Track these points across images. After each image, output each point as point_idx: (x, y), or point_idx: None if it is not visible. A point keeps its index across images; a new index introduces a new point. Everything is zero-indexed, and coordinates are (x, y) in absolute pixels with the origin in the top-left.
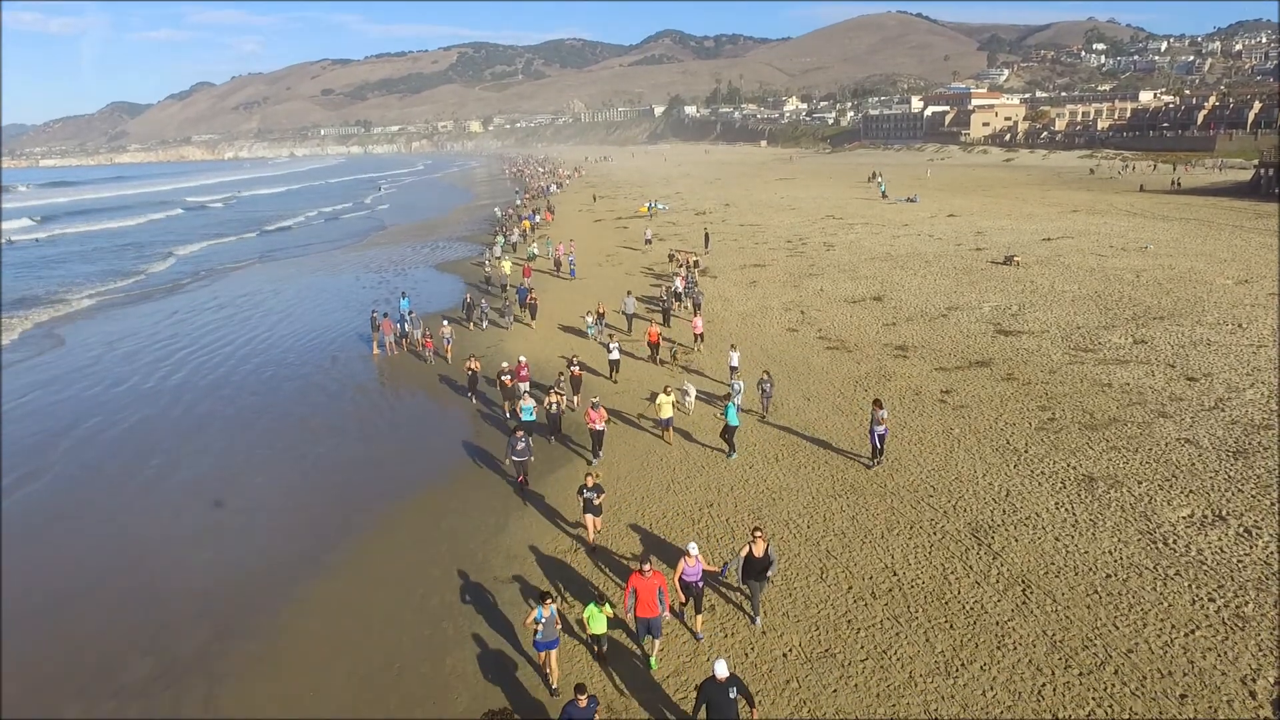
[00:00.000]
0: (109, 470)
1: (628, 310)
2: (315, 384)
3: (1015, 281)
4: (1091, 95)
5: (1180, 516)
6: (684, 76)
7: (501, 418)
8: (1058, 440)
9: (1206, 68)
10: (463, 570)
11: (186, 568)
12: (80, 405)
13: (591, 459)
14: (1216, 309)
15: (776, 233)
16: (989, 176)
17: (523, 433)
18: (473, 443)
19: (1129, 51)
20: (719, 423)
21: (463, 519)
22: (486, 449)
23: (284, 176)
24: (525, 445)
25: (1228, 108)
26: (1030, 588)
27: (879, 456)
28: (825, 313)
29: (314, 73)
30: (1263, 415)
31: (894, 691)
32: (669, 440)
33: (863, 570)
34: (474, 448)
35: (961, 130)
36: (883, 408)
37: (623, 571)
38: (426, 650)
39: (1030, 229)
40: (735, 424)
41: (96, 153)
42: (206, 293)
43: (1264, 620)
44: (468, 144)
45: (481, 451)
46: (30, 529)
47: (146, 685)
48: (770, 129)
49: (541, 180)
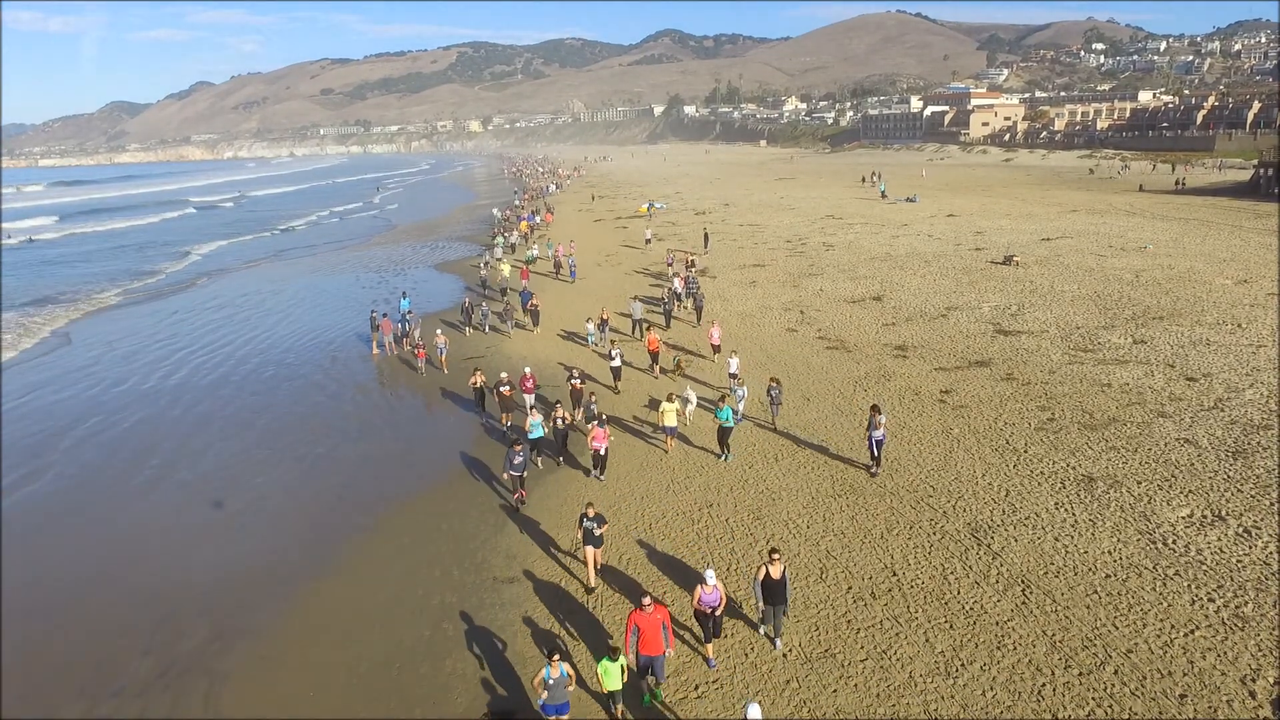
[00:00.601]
0: (109, 470)
1: (635, 315)
2: (315, 384)
3: (1015, 281)
4: (1091, 95)
5: (1180, 517)
6: (683, 76)
7: (501, 427)
8: (1057, 440)
9: (1206, 68)
10: (463, 570)
11: (186, 567)
12: (80, 405)
13: (597, 476)
14: (1216, 309)
15: (776, 233)
16: (988, 176)
17: (521, 446)
18: (473, 442)
19: (1128, 51)
20: (716, 425)
21: (463, 519)
22: (487, 449)
23: (289, 176)
24: (524, 459)
25: (1227, 108)
26: (1030, 588)
27: (877, 464)
28: (825, 313)
29: (313, 72)
30: (1262, 415)
31: (894, 692)
32: (669, 448)
33: (862, 570)
34: (475, 447)
35: (961, 130)
36: (881, 413)
37: (622, 577)
38: (426, 650)
39: (1029, 229)
40: (730, 425)
41: (96, 152)
42: (208, 292)
43: (1263, 620)
44: (467, 144)
45: (482, 451)
46: (30, 529)
47: (146, 684)
48: (770, 129)
49: (541, 180)
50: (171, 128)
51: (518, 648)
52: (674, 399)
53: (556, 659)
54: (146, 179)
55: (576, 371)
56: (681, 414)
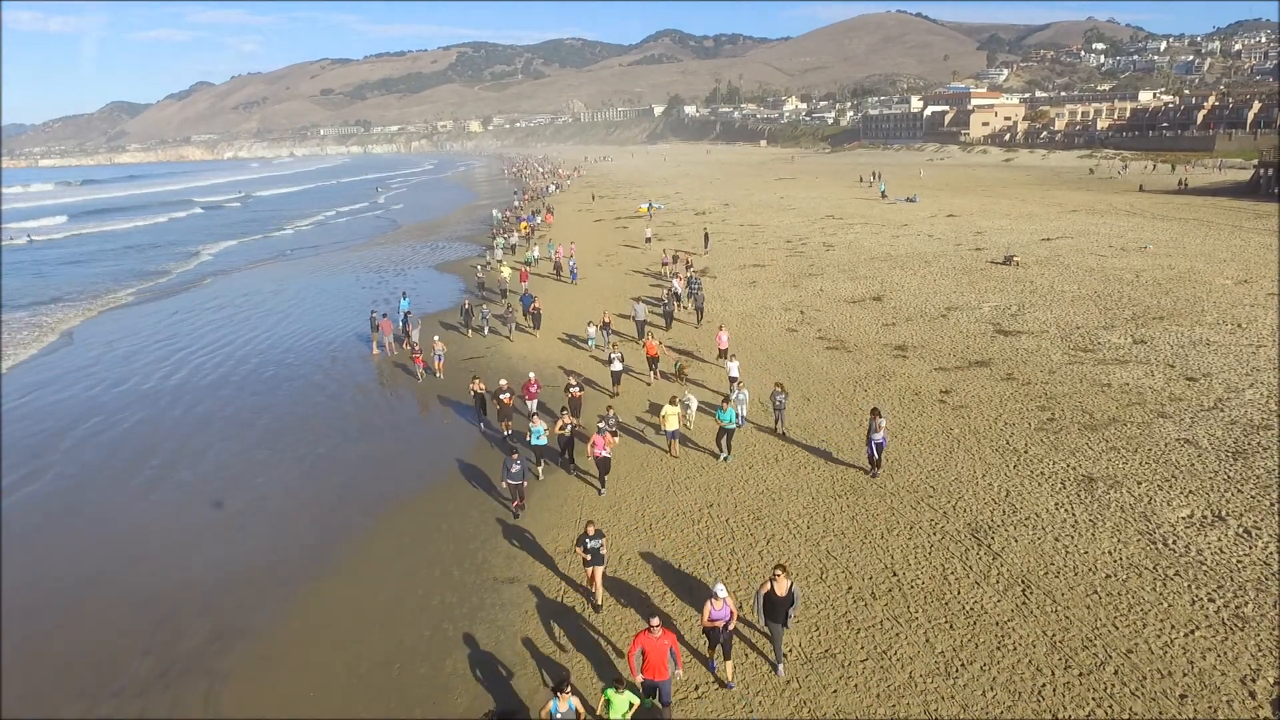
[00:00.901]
0: (109, 470)
1: (639, 317)
2: (315, 384)
3: (1015, 281)
4: (1091, 95)
5: (1180, 517)
6: (683, 76)
7: (502, 434)
8: (1057, 440)
9: (1206, 67)
10: (463, 570)
11: (186, 567)
12: (80, 406)
13: (598, 489)
14: (1216, 309)
15: (776, 233)
16: (988, 176)
17: (518, 455)
18: (473, 444)
19: (1128, 51)
20: (716, 425)
21: (463, 519)
22: (487, 450)
23: (291, 176)
24: (521, 468)
25: (1227, 108)
26: (1030, 588)
27: (877, 467)
28: (825, 313)
29: (313, 72)
30: (1262, 415)
31: (894, 692)
32: (675, 453)
33: (862, 571)
34: (475, 449)
35: (961, 130)
36: (881, 416)
37: (622, 580)
38: (426, 650)
39: (1030, 229)
40: (731, 427)
41: (96, 153)
42: (209, 292)
43: (1263, 620)
44: (467, 144)
45: (482, 452)
46: (30, 529)
47: (146, 685)
48: (770, 129)
49: (541, 181)
50: (171, 128)
51: (518, 649)
52: (675, 402)
53: (567, 692)
54: (151, 179)
55: (575, 379)
56: (683, 418)
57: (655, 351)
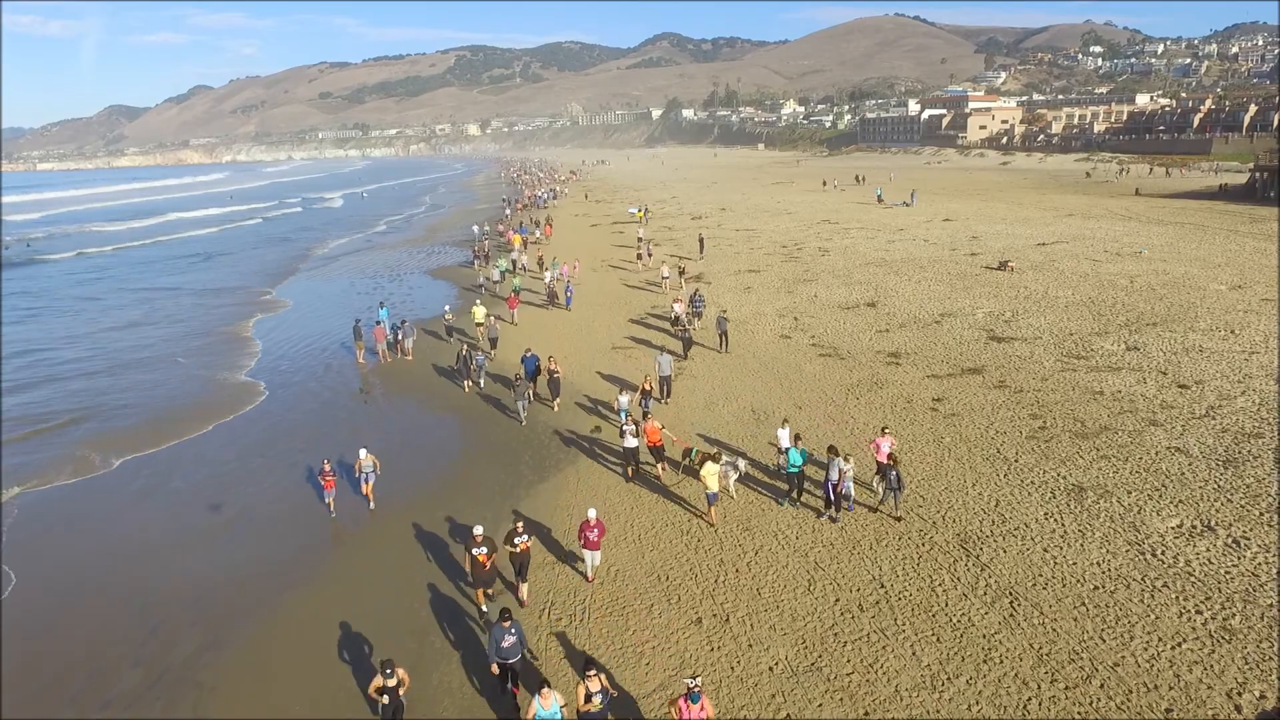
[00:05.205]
0: (102, 479)
1: (663, 372)
2: (309, 391)
3: (1009, 287)
4: (1088, 98)
5: (1169, 527)
6: (681, 79)
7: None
8: (1048, 449)
9: (1203, 70)
10: (453, 582)
11: (178, 576)
12: None
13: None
14: (1209, 314)
15: (772, 238)
16: (985, 180)
17: (510, 622)
18: (466, 452)
19: (1126, 54)
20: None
21: (456, 530)
22: (481, 458)
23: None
24: (518, 639)
25: (1224, 111)
26: (1018, 600)
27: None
28: (819, 319)
29: (311, 76)
30: (1253, 423)
31: (880, 706)
32: (712, 521)
33: (850, 582)
34: (468, 457)
35: (958, 133)
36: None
37: (613, 587)
38: (414, 662)
39: (1025, 234)
40: (796, 469)
41: (94, 156)
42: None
43: (1250, 633)
44: (465, 147)
45: (476, 461)
46: (22, 538)
47: (137, 694)
48: (768, 132)
49: (539, 188)
50: (170, 131)
51: None
52: (718, 459)
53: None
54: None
55: (520, 525)
56: (723, 479)
57: (659, 438)
